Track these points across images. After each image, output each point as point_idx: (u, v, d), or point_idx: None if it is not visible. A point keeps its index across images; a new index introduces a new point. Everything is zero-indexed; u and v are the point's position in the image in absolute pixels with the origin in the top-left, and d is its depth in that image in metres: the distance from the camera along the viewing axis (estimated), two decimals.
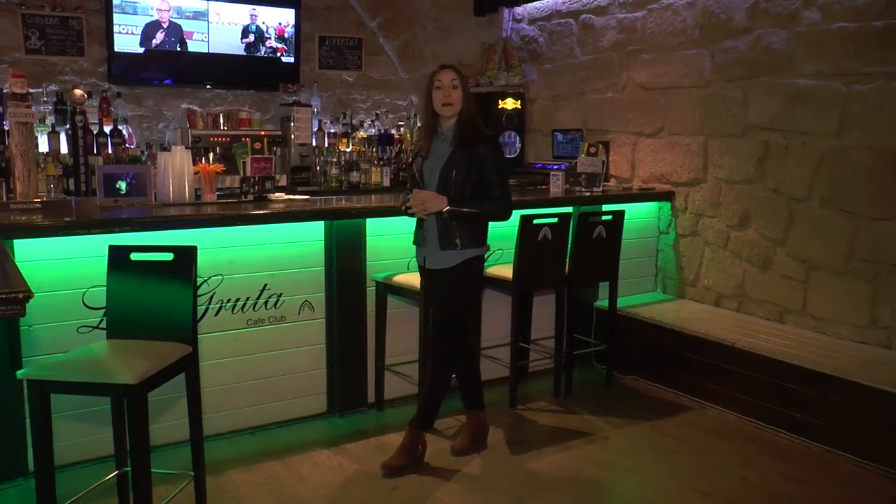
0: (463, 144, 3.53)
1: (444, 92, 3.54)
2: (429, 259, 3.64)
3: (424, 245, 3.65)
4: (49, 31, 5.56)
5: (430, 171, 3.60)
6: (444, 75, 3.56)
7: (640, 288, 5.49)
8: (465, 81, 3.59)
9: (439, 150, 3.60)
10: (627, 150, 5.76)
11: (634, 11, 5.61)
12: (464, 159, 3.52)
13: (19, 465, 3.41)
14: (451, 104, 3.54)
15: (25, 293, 1.92)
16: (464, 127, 3.56)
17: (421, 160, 3.66)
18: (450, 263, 3.57)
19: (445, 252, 3.56)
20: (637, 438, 4.07)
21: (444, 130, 3.62)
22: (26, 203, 3.83)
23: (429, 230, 3.60)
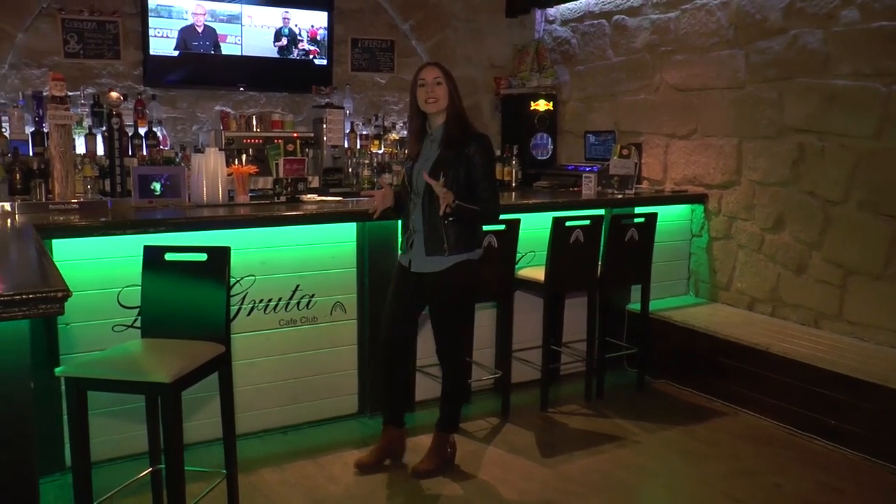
0: (450, 144, 3.43)
1: (427, 89, 3.43)
2: (415, 262, 3.51)
3: (409, 251, 3.53)
4: (87, 35, 5.64)
5: (417, 173, 3.47)
6: (428, 72, 3.47)
7: (673, 291, 5.44)
8: (451, 80, 3.49)
9: (428, 151, 3.50)
10: (660, 151, 5.71)
11: (668, 12, 5.56)
12: (451, 160, 3.40)
13: (57, 461, 3.46)
14: (436, 100, 3.43)
15: (64, 292, 1.94)
16: (451, 126, 3.46)
17: (411, 163, 3.55)
18: (439, 267, 3.45)
19: (430, 258, 3.45)
20: (669, 443, 4.03)
21: (433, 131, 3.53)
22: (64, 203, 3.90)
23: (417, 233, 3.50)
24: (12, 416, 2.12)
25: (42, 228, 3.26)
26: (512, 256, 4.16)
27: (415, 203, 3.51)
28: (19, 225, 3.40)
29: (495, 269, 4.09)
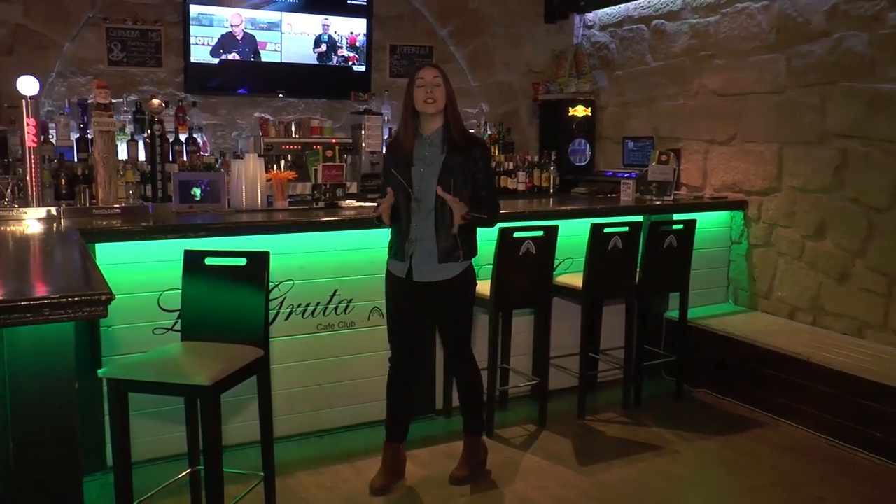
0: (455, 149, 3.33)
1: (426, 89, 3.31)
2: (418, 272, 3.35)
3: (407, 259, 3.37)
4: (130, 44, 5.75)
5: (421, 179, 3.33)
6: (427, 72, 3.35)
7: (712, 299, 5.37)
8: (448, 83, 3.38)
9: (427, 155, 3.35)
10: (699, 157, 5.65)
11: (707, 16, 5.50)
12: (460, 165, 3.32)
13: (98, 460, 3.52)
14: (434, 101, 3.31)
15: (108, 295, 1.97)
16: (454, 130, 3.35)
17: (408, 166, 3.36)
18: (449, 274, 3.36)
19: (444, 265, 3.34)
20: (708, 453, 3.97)
21: (429, 134, 3.39)
22: (107, 208, 3.97)
23: (418, 241, 3.34)
24: (58, 416, 2.15)
25: (86, 232, 3.31)
26: (550, 263, 4.14)
27: (415, 209, 3.36)
28: (64, 229, 3.47)
29: (533, 276, 4.07)
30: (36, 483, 2.16)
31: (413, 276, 3.36)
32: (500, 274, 3.95)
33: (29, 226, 3.60)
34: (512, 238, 3.94)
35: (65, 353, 2.17)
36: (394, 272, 3.45)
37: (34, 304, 1.90)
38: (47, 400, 2.14)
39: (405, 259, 3.37)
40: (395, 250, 3.43)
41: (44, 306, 1.91)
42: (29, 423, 2.13)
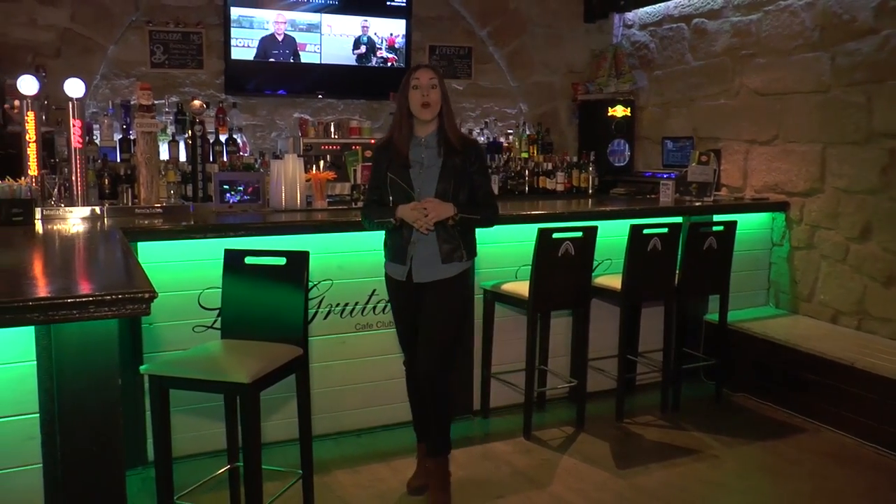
0: (452, 151, 3.26)
1: (422, 92, 3.22)
2: (418, 274, 3.27)
3: (407, 262, 3.28)
4: (172, 46, 5.84)
5: (420, 181, 3.26)
6: (423, 74, 3.25)
7: (752, 302, 5.29)
8: (444, 84, 3.30)
9: (423, 158, 3.28)
10: (740, 158, 5.57)
11: (749, 14, 5.43)
12: (459, 167, 3.26)
13: (139, 455, 3.58)
14: (430, 105, 3.23)
15: (151, 293, 2.00)
16: (449, 132, 3.27)
17: (405, 169, 3.29)
18: (448, 274, 3.28)
19: (445, 266, 3.27)
20: (748, 458, 3.91)
21: (424, 136, 3.30)
22: (149, 208, 4.03)
23: (419, 243, 3.26)
24: (102, 411, 2.19)
25: (128, 231, 3.37)
26: (589, 264, 4.11)
27: None
28: (107, 228, 3.53)
29: (572, 277, 4.04)
30: (82, 474, 2.20)
31: (413, 277, 3.29)
32: (539, 275, 3.93)
33: (74, 224, 3.67)
34: (551, 239, 3.92)
35: (109, 349, 2.21)
36: (393, 275, 3.38)
37: (80, 302, 1.94)
38: (92, 394, 2.18)
39: (405, 262, 3.29)
40: (393, 253, 3.35)
41: (89, 303, 1.94)
42: (75, 417, 2.18)
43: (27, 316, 1.89)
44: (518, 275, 4.32)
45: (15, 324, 1.89)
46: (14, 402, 2.18)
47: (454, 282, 3.29)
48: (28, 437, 2.20)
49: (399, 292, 3.38)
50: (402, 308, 3.41)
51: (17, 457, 2.20)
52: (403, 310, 3.41)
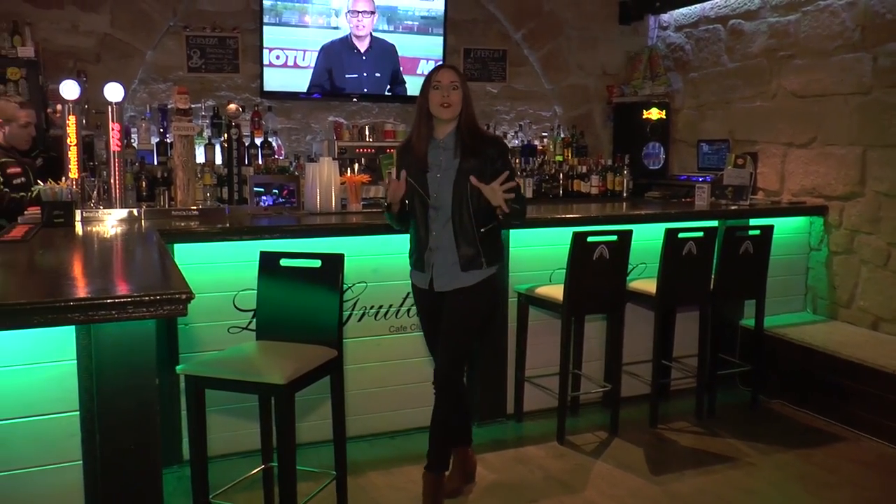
0: (468, 152, 3.15)
1: (442, 92, 3.13)
2: (439, 282, 3.21)
3: (428, 270, 3.23)
4: (209, 51, 5.91)
5: (437, 185, 3.17)
6: (444, 75, 3.17)
7: (789, 307, 5.21)
8: (466, 85, 3.22)
9: (441, 160, 3.19)
10: (776, 161, 5.49)
11: (787, 14, 5.35)
12: (476, 168, 3.12)
13: (175, 454, 3.62)
14: (450, 106, 3.14)
15: (188, 294, 2.02)
16: (465, 134, 3.17)
17: (422, 172, 3.20)
18: (470, 282, 3.18)
19: (465, 274, 3.17)
20: (785, 466, 3.85)
21: (442, 138, 3.21)
22: (185, 210, 4.08)
23: (439, 251, 3.19)
24: (140, 410, 2.22)
25: (165, 233, 3.41)
26: (623, 268, 4.08)
27: (434, 217, 3.21)
28: (145, 230, 3.58)
29: (606, 281, 4.02)
30: (120, 471, 2.23)
31: (434, 286, 3.23)
32: (573, 278, 3.91)
33: (112, 226, 3.72)
34: (585, 242, 3.90)
35: (147, 349, 2.24)
36: (417, 284, 3.35)
37: (119, 302, 1.96)
38: (130, 393, 2.21)
39: (425, 269, 3.24)
40: (414, 259, 3.31)
41: (127, 304, 1.97)
42: (114, 415, 2.21)
43: (68, 316, 1.92)
44: (552, 278, 4.30)
45: (56, 323, 1.92)
46: (56, 401, 2.22)
47: (475, 290, 3.19)
48: (69, 435, 2.24)
49: (423, 302, 3.36)
50: (428, 318, 3.38)
51: (58, 453, 2.24)
52: (430, 319, 3.37)
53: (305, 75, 5.99)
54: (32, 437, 2.21)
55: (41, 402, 2.22)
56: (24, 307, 1.88)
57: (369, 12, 6.03)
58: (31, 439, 2.21)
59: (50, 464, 2.24)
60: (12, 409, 2.19)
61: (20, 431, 2.20)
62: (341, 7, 5.99)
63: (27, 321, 1.88)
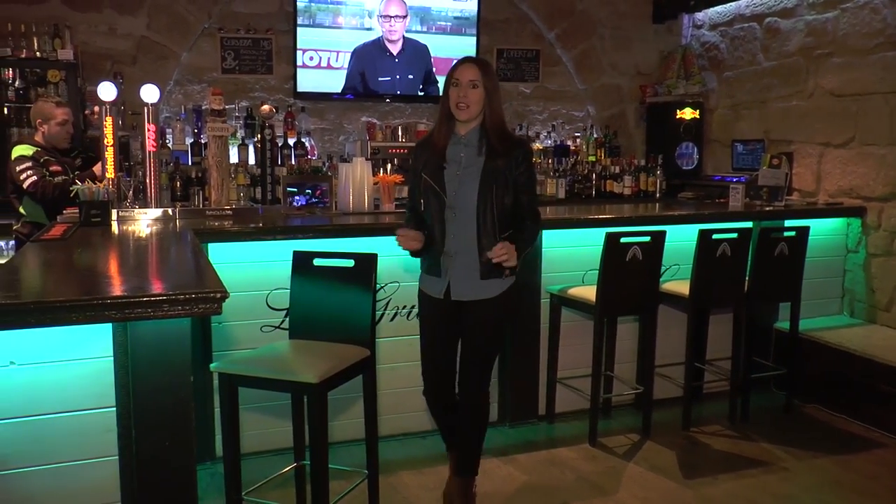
0: (495, 151, 2.95)
1: (460, 91, 2.93)
2: (457, 290, 3.02)
3: (444, 276, 3.03)
4: (243, 52, 5.97)
5: (454, 183, 2.98)
6: (463, 71, 2.94)
7: (825, 310, 5.13)
8: (491, 81, 2.97)
9: (463, 157, 3.00)
10: (813, 161, 5.41)
11: (825, 12, 5.27)
12: (501, 169, 2.94)
13: (208, 450, 3.65)
14: (467, 107, 2.93)
15: (222, 293, 2.04)
16: (491, 133, 2.96)
17: (439, 169, 3.00)
18: (492, 293, 3.01)
19: (485, 283, 3.00)
20: (821, 472, 3.78)
21: (464, 134, 3.02)
22: (219, 210, 4.12)
23: (457, 255, 3.00)
24: (175, 407, 2.25)
25: (199, 232, 3.45)
26: (657, 269, 4.04)
27: (450, 218, 3.01)
28: (179, 229, 3.62)
29: (639, 282, 3.99)
30: (155, 467, 2.26)
31: (451, 294, 3.03)
32: (606, 279, 3.89)
33: (147, 225, 3.78)
34: (619, 243, 3.87)
35: (182, 346, 2.26)
36: (428, 292, 3.11)
37: (154, 300, 2.00)
38: (166, 390, 2.24)
39: (442, 275, 3.03)
40: (428, 264, 3.10)
41: (163, 302, 2.00)
42: (149, 412, 2.24)
43: (105, 314, 1.96)
44: (585, 279, 4.28)
45: (94, 321, 1.96)
46: (93, 397, 2.26)
47: (498, 302, 3.03)
48: (106, 430, 2.27)
49: (434, 312, 3.11)
50: (435, 329, 3.13)
51: (95, 448, 2.28)
52: (437, 331, 3.12)
53: (339, 76, 6.03)
54: (70, 432, 2.25)
55: (79, 398, 2.26)
56: (62, 305, 1.92)
57: (401, 16, 6.05)
58: (68, 434, 2.25)
59: (87, 458, 2.28)
60: (51, 404, 2.23)
61: (58, 426, 2.24)
62: (374, 8, 6.02)
63: (66, 318, 1.92)
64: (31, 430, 2.21)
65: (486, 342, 3.09)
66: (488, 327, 3.07)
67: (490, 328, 3.08)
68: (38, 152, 4.41)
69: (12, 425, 2.20)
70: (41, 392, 2.22)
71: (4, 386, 2.18)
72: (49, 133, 4.50)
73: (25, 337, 2.16)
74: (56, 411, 2.24)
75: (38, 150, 4.42)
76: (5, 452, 2.20)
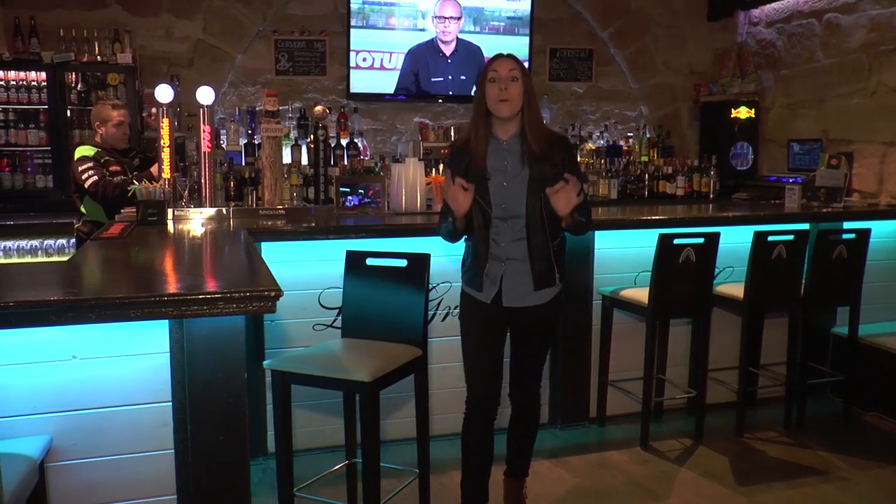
0: (536, 157, 2.81)
1: (500, 85, 2.78)
2: (509, 296, 2.89)
3: (492, 285, 2.90)
4: (296, 54, 6.04)
5: (503, 194, 2.84)
6: (502, 64, 2.81)
7: (887, 316, 4.96)
8: (527, 76, 2.86)
9: (508, 166, 2.85)
10: (875, 161, 5.26)
11: (891, 6, 5.11)
12: (549, 175, 2.79)
13: (260, 447, 3.70)
14: (509, 101, 2.78)
15: (276, 292, 2.07)
16: (532, 134, 2.82)
17: (483, 180, 2.84)
18: (544, 299, 2.92)
19: (538, 293, 2.90)
20: (882, 483, 3.67)
21: (505, 140, 2.87)
22: (272, 210, 4.17)
23: (509, 263, 2.88)
24: (229, 403, 2.28)
25: (253, 232, 3.50)
26: (710, 271, 3.98)
27: (500, 229, 2.88)
28: (233, 228, 3.68)
29: (693, 284, 3.93)
30: (209, 461, 2.30)
31: (503, 300, 2.90)
32: (659, 281, 3.84)
33: (202, 225, 3.84)
34: (672, 245, 3.82)
35: (236, 343, 2.30)
36: (477, 297, 2.96)
37: (209, 298, 2.04)
38: (220, 386, 2.27)
39: (484, 287, 2.91)
40: (470, 277, 2.97)
41: (218, 300, 2.04)
42: (204, 407, 2.28)
43: (162, 310, 2.01)
44: (637, 281, 4.23)
45: (151, 317, 2.00)
46: (150, 391, 2.31)
47: (549, 309, 2.95)
48: (162, 424, 2.32)
49: (485, 317, 2.95)
50: (484, 335, 2.96)
51: (152, 442, 2.33)
52: (490, 338, 2.96)
53: (391, 77, 6.06)
54: (128, 425, 2.31)
55: (136, 393, 2.32)
56: (121, 301, 1.97)
57: (455, 18, 6.06)
58: (126, 427, 2.31)
59: (144, 451, 2.34)
60: (110, 398, 2.29)
61: (117, 419, 2.30)
62: (427, 9, 6.04)
63: (124, 315, 1.97)
64: (91, 423, 2.28)
65: (540, 345, 3.06)
66: (543, 332, 3.03)
67: (544, 333, 3.04)
68: (99, 153, 4.52)
69: (74, 417, 2.26)
70: (101, 386, 2.28)
71: (66, 379, 2.25)
72: (106, 134, 4.61)
73: (86, 332, 2.22)
74: (115, 405, 2.30)
75: (99, 150, 4.54)
76: (67, 443, 2.26)
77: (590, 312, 4.20)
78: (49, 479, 2.25)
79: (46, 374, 2.24)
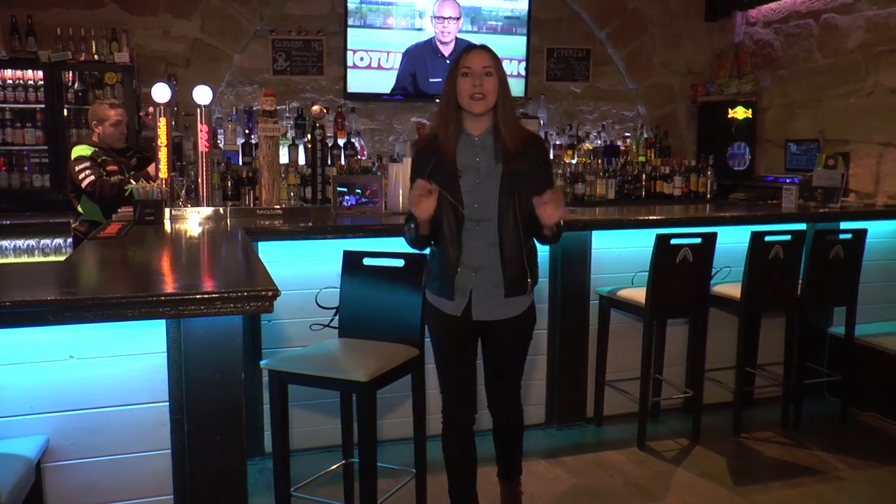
0: (511, 155, 2.68)
1: (473, 80, 2.62)
2: (479, 309, 2.75)
3: (461, 296, 2.75)
4: (294, 54, 6.04)
5: (476, 193, 2.69)
6: (475, 58, 2.64)
7: (883, 316, 4.97)
8: (502, 69, 2.68)
9: (477, 162, 2.71)
10: (871, 162, 5.27)
11: (888, 6, 5.12)
12: (524, 173, 2.68)
13: (257, 446, 3.70)
14: (483, 97, 2.63)
15: (274, 292, 2.08)
16: (506, 131, 2.68)
17: (453, 178, 2.69)
18: (517, 310, 2.78)
19: (510, 300, 2.75)
20: (878, 483, 3.68)
21: (477, 136, 2.72)
22: (269, 209, 4.17)
23: (480, 271, 2.72)
24: (226, 402, 2.28)
25: (250, 231, 3.50)
26: (707, 271, 3.98)
27: (472, 231, 2.72)
28: (230, 228, 3.68)
29: (690, 284, 3.93)
30: (206, 461, 2.30)
31: (472, 313, 2.76)
32: (656, 281, 3.84)
33: (199, 224, 3.84)
34: (669, 245, 3.83)
35: (233, 343, 2.30)
36: (445, 310, 2.80)
37: (207, 298, 2.04)
38: (217, 386, 2.27)
39: (455, 296, 2.75)
40: (439, 285, 2.79)
41: (215, 300, 2.04)
42: (201, 407, 2.28)
43: (159, 310, 2.01)
44: (634, 281, 4.23)
45: (148, 317, 2.00)
46: (147, 391, 2.31)
47: (523, 320, 2.82)
48: (159, 424, 2.32)
49: (456, 331, 2.82)
50: (453, 349, 2.85)
51: (149, 442, 2.33)
52: (456, 351, 2.85)
53: (389, 76, 6.06)
54: (125, 425, 2.31)
55: (133, 392, 2.31)
56: (118, 301, 1.97)
57: (455, 18, 6.06)
58: (123, 427, 2.31)
59: (141, 451, 2.34)
60: (107, 397, 2.29)
61: (114, 419, 2.30)
62: (425, 9, 6.04)
63: (121, 314, 1.97)
64: (88, 423, 2.28)
65: (517, 358, 2.94)
66: (518, 344, 2.91)
67: (519, 344, 2.92)
68: (96, 152, 4.51)
69: (71, 417, 2.26)
70: (98, 386, 2.28)
71: (63, 379, 2.25)
72: (104, 134, 4.60)
73: (83, 332, 2.22)
74: (112, 405, 2.30)
75: (96, 150, 4.53)
76: (64, 443, 2.26)
77: (587, 312, 4.20)
78: (46, 480, 2.25)
79: (43, 373, 2.24)
